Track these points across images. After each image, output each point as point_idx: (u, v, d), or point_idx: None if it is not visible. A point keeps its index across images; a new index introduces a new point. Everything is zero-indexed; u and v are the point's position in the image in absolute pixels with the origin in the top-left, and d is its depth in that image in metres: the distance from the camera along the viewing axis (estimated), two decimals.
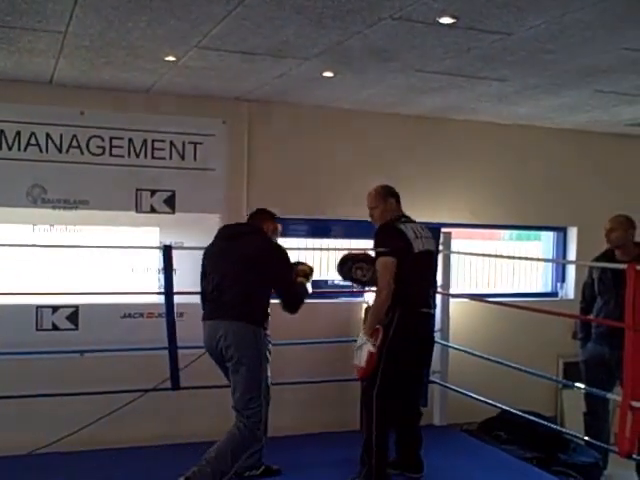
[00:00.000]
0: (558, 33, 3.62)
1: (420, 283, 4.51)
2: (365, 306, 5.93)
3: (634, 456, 4.19)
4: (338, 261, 4.85)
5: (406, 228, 4.48)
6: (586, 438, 5.09)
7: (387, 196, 4.63)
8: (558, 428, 5.71)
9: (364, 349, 4.35)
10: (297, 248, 6.09)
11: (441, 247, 5.71)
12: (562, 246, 6.98)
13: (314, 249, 6.20)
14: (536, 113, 5.85)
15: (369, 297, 6.00)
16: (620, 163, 6.84)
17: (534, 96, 5.16)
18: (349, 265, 4.74)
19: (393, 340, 4.36)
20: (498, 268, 6.84)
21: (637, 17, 3.34)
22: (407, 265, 4.36)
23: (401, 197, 4.70)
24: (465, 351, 5.63)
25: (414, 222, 4.62)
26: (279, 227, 4.71)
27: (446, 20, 3.45)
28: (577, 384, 5.39)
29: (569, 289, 6.86)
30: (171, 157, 5.49)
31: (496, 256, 6.72)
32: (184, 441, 5.27)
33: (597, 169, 6.74)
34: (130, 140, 5.39)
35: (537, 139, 6.56)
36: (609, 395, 4.78)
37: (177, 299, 5.08)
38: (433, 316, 4.72)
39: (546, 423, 5.34)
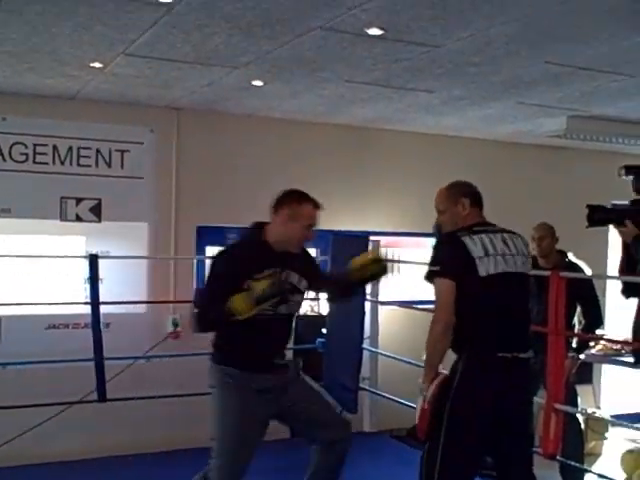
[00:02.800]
0: (483, 46, 3.70)
1: (498, 317, 3.19)
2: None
3: (558, 457, 4.31)
4: None
5: (473, 241, 3.23)
6: None
7: (459, 196, 3.47)
8: None
9: (418, 401, 3.24)
10: None
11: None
12: None
13: None
14: (462, 124, 5.97)
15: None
16: (542, 173, 7.02)
17: (460, 107, 5.27)
18: None
19: (456, 399, 3.14)
20: None
21: (559, 32, 3.45)
22: (471, 292, 3.17)
23: (330, 206, 4.13)
24: (394, 358, 5.68)
25: (498, 232, 3.37)
26: (304, 216, 3.55)
27: (374, 32, 3.49)
28: None
29: None
30: (97, 165, 5.40)
31: (424, 263, 6.81)
32: (110, 454, 5.17)
33: (521, 179, 6.90)
34: (55, 147, 5.27)
35: (464, 149, 6.68)
36: (534, 399, 4.89)
37: (104, 309, 4.98)
38: (525, 363, 3.26)
39: None
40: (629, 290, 4.14)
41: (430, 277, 3.26)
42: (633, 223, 3.94)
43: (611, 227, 4.19)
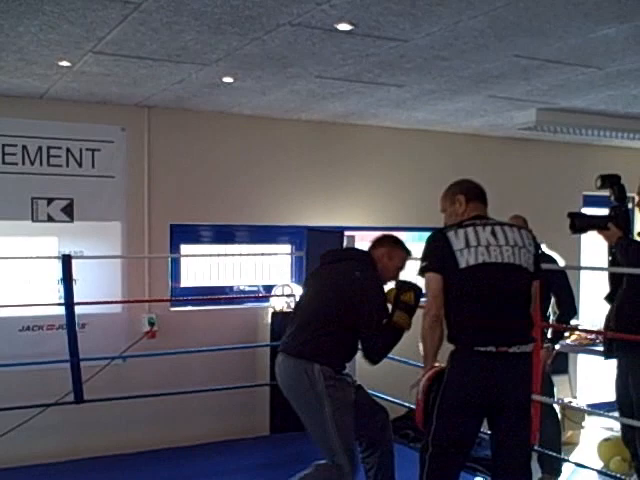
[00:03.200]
0: (452, 40, 3.71)
1: (481, 309, 3.21)
2: (271, 311, 5.93)
3: (536, 447, 4.36)
4: None
5: (457, 234, 3.29)
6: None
7: (455, 194, 3.51)
8: None
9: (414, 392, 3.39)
10: (202, 255, 6.05)
11: None
12: None
13: (219, 255, 6.16)
14: (434, 118, 5.99)
15: (275, 302, 6.02)
16: (513, 166, 7.07)
17: (431, 101, 5.28)
18: None
19: (445, 391, 3.24)
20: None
21: (527, 25, 3.47)
22: (453, 284, 3.24)
23: (303, 202, 4.10)
24: None
25: (489, 224, 3.35)
26: (398, 258, 3.90)
27: (344, 27, 3.49)
28: None
29: None
30: (68, 164, 5.35)
31: None
32: (89, 456, 5.14)
33: (492, 172, 6.94)
34: (24, 147, 5.21)
35: (435, 143, 6.71)
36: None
37: (79, 310, 4.95)
38: (516, 357, 3.19)
39: None
40: (614, 296, 4.24)
41: (421, 272, 3.36)
42: (615, 226, 4.05)
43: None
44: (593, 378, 7.06)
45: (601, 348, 5.72)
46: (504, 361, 3.17)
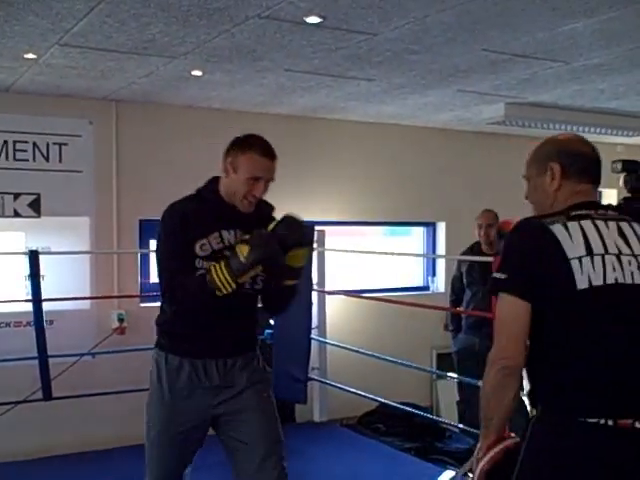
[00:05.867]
0: (421, 34, 3.72)
1: (603, 359, 1.94)
2: None
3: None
4: None
5: (569, 230, 2.01)
6: (460, 426, 5.27)
7: (548, 160, 2.21)
8: (434, 418, 5.90)
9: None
10: None
11: (315, 245, 5.75)
12: (432, 241, 7.20)
13: None
14: (403, 112, 6.00)
15: None
16: (482, 160, 7.11)
17: (400, 95, 5.30)
18: None
19: None
20: (372, 264, 6.97)
21: (495, 20, 3.49)
22: (559, 315, 1.98)
23: (272, 197, 3.24)
24: (342, 347, 5.70)
25: (611, 219, 2.08)
26: (245, 163, 2.93)
27: (313, 20, 3.48)
28: (450, 374, 5.57)
29: (439, 282, 7.08)
30: (35, 159, 5.28)
31: (370, 252, 6.85)
32: (58, 453, 5.10)
33: (462, 166, 6.99)
34: None
35: (405, 137, 6.73)
36: (480, 383, 4.97)
37: (46, 306, 4.89)
38: None
39: (422, 413, 5.51)
40: None
41: (493, 289, 2.10)
42: None
43: None
44: None
45: None
46: (633, 445, 1.91)
